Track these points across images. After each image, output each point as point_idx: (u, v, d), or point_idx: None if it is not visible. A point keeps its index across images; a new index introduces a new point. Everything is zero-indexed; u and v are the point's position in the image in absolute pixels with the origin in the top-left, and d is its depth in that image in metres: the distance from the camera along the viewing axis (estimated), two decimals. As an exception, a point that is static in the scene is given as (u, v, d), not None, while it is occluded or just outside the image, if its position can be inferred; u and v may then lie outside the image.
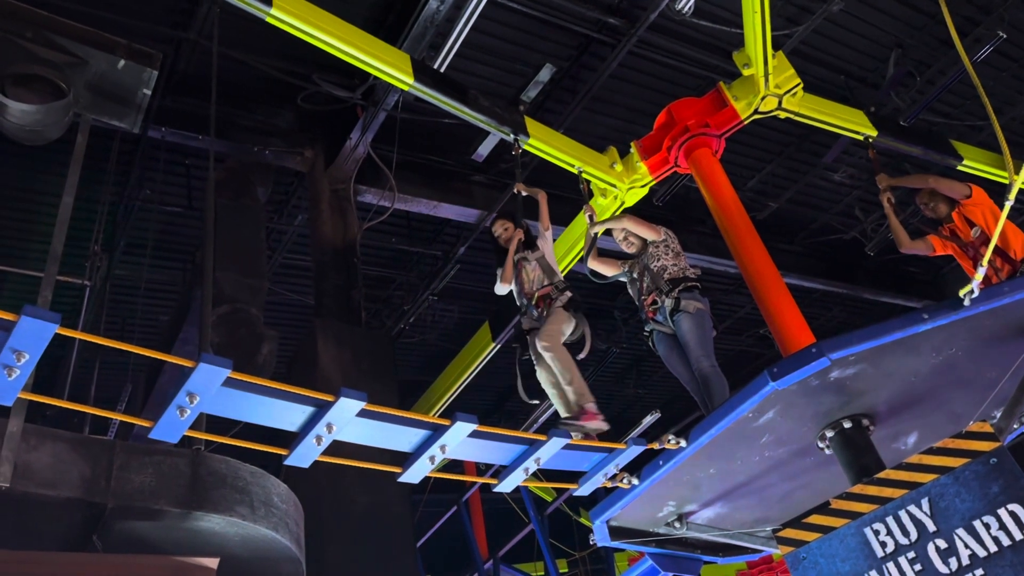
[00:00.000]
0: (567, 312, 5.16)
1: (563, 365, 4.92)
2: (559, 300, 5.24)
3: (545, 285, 5.36)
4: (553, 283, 5.38)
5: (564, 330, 5.11)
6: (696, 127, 5.84)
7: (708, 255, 9.73)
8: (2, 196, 7.95)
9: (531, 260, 5.52)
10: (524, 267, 5.53)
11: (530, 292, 5.39)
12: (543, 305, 5.29)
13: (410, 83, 5.50)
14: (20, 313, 2.55)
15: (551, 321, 5.11)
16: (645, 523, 5.08)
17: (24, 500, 3.98)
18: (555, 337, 5.01)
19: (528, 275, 5.50)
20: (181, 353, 7.25)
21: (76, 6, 6.10)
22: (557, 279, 5.40)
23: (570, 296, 5.27)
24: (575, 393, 4.81)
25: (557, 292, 5.31)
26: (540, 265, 5.47)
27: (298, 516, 4.92)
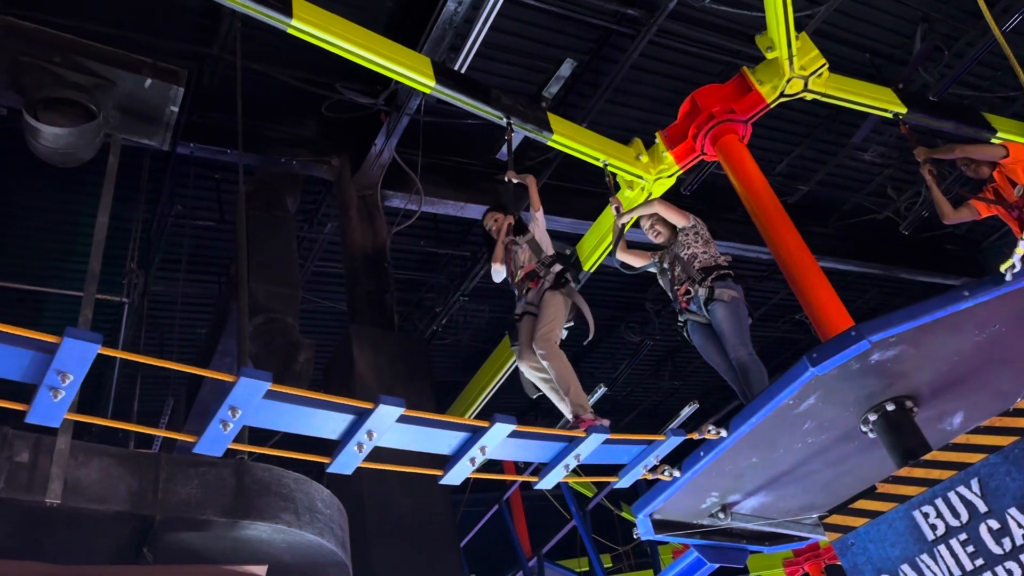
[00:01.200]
0: (559, 293, 5.04)
1: (559, 373, 4.80)
2: (547, 279, 5.14)
3: (530, 262, 5.30)
4: (539, 259, 5.29)
5: (559, 319, 4.97)
6: (721, 114, 5.78)
7: (740, 242, 9.64)
8: (38, 219, 8.12)
9: (521, 244, 5.46)
10: (514, 251, 5.47)
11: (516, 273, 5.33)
12: (534, 285, 5.21)
13: (432, 86, 5.51)
14: (63, 335, 2.59)
15: (544, 314, 4.98)
16: (689, 515, 5.05)
17: (75, 515, 4.06)
18: (550, 340, 4.86)
19: (518, 259, 5.45)
20: (221, 364, 7.37)
21: (101, 28, 6.21)
22: (544, 255, 5.31)
23: (558, 271, 5.15)
24: (572, 403, 4.69)
25: (543, 268, 5.22)
26: (529, 247, 5.41)
27: (342, 520, 4.96)
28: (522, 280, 5.33)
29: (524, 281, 5.31)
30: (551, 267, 5.20)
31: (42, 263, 8.49)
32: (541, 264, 5.25)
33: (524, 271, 5.31)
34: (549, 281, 5.13)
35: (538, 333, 4.90)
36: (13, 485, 3.92)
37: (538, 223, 5.55)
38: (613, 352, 12.70)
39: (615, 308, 11.72)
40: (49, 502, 3.94)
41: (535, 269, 5.26)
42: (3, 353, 2.60)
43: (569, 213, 9.05)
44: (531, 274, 5.27)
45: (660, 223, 5.75)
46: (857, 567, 3.90)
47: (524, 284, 5.31)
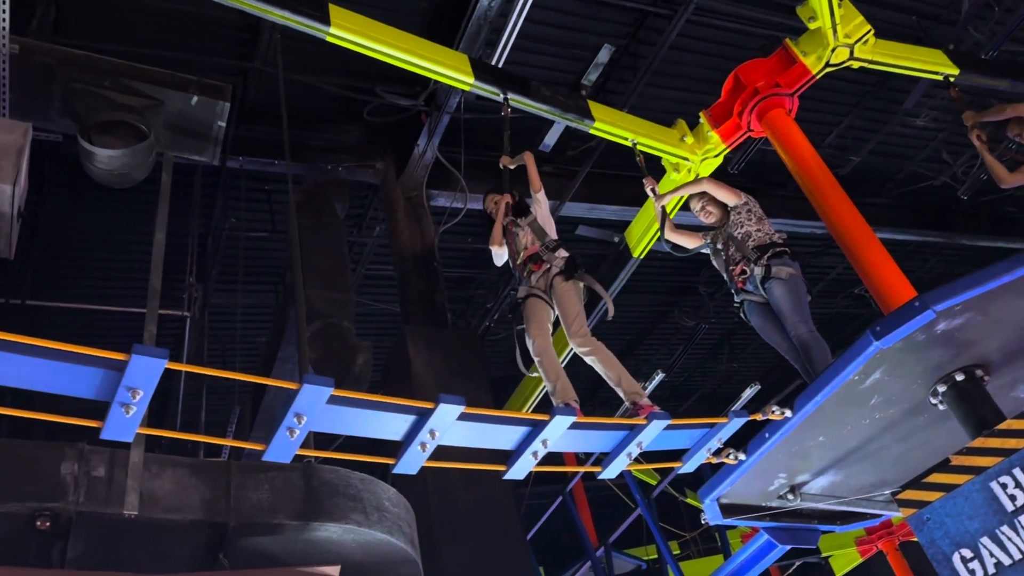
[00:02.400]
0: (571, 282, 4.94)
1: (607, 367, 4.74)
2: (553, 265, 5.01)
3: (533, 245, 5.16)
4: (543, 242, 5.16)
5: (581, 310, 4.88)
6: (766, 88, 5.68)
7: (792, 218, 9.47)
8: (97, 240, 8.36)
9: (523, 226, 5.34)
10: (515, 233, 5.34)
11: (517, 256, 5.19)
12: (537, 269, 5.10)
13: (471, 83, 5.52)
14: (130, 353, 2.66)
15: (566, 310, 4.87)
16: (756, 498, 4.99)
17: (152, 526, 4.18)
18: (587, 335, 4.77)
19: (519, 241, 5.32)
20: (282, 371, 7.51)
21: (146, 51, 6.36)
22: (548, 238, 5.18)
23: (566, 257, 5.02)
24: (626, 392, 4.62)
25: (547, 252, 5.09)
26: (532, 229, 5.28)
27: (409, 518, 5.01)
28: (524, 263, 5.18)
29: (526, 263, 5.17)
30: (556, 251, 5.06)
31: (103, 282, 8.75)
32: (545, 247, 5.11)
33: (526, 254, 5.16)
34: (557, 267, 5.00)
35: (571, 331, 4.81)
36: (92, 499, 4.05)
37: (540, 204, 5.41)
38: (668, 338, 12.59)
39: (668, 293, 11.61)
40: (127, 514, 4.06)
41: (538, 252, 5.11)
42: (75, 373, 2.69)
43: (615, 200, 9.01)
44: (534, 257, 5.13)
45: (711, 203, 5.67)
46: (935, 542, 3.80)
47: (526, 267, 5.16)
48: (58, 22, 6.26)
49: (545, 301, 5.07)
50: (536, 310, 5.04)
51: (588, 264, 10.28)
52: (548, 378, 4.77)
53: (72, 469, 4.08)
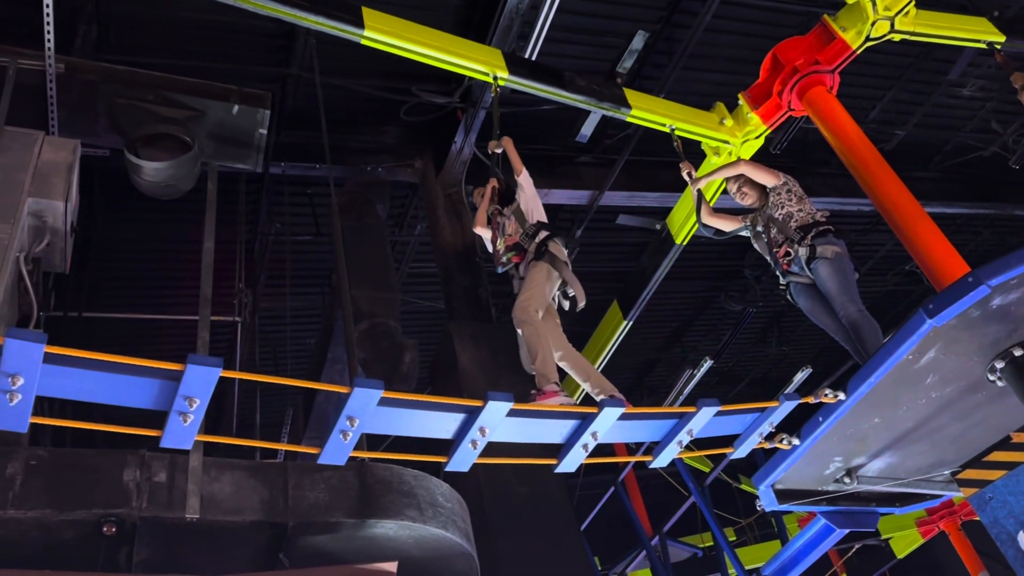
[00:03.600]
0: (541, 263, 4.77)
1: (528, 341, 4.57)
2: (531, 249, 4.87)
3: (516, 234, 5.00)
4: (524, 229, 5.00)
5: (539, 288, 4.70)
6: (806, 66, 5.58)
7: (837, 196, 9.30)
8: (146, 251, 8.56)
9: (508, 215, 5.19)
10: (501, 223, 5.19)
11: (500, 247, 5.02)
12: (517, 260, 4.97)
13: (505, 77, 5.52)
14: (186, 362, 2.72)
15: (526, 284, 4.73)
16: (813, 482, 4.93)
17: (213, 528, 4.28)
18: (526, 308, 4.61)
19: (505, 230, 5.16)
20: (332, 372, 7.62)
21: (186, 62, 6.48)
22: (528, 224, 5.02)
23: (542, 239, 4.86)
24: (537, 372, 4.46)
25: (527, 240, 4.94)
26: (515, 216, 5.13)
27: (464, 513, 5.05)
28: (505, 251, 5.03)
29: (507, 253, 5.03)
30: (535, 236, 4.91)
31: (155, 292, 8.95)
32: (525, 235, 4.95)
33: (507, 242, 5.02)
34: (532, 252, 4.87)
35: (517, 303, 4.68)
36: (155, 504, 4.17)
37: (523, 189, 5.23)
38: (715, 323, 12.47)
39: (712, 278, 11.50)
40: (189, 517, 4.17)
41: (519, 241, 4.96)
42: (133, 385, 2.75)
43: (655, 187, 8.94)
44: (515, 247, 4.99)
45: (747, 184, 5.59)
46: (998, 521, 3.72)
47: (507, 255, 5.02)
48: (100, 40, 6.41)
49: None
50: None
51: (630, 253, 10.36)
52: (580, 377, 4.72)
53: (134, 476, 4.19)
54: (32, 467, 4.07)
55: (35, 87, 5.48)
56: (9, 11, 6.08)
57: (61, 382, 2.67)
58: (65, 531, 4.04)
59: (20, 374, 2.59)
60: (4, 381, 2.59)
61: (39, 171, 4.86)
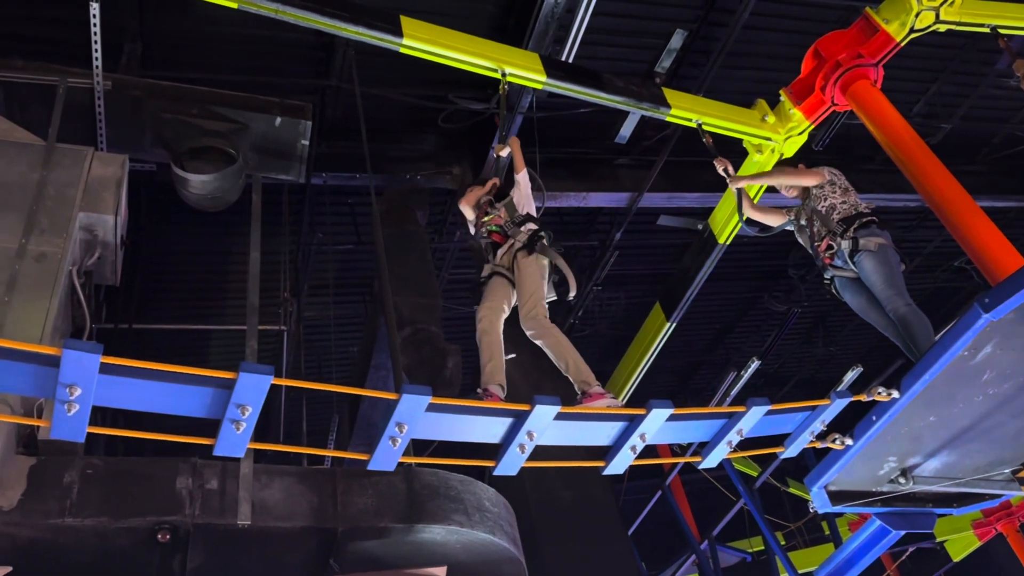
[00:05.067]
0: (532, 257, 4.70)
1: (555, 350, 4.48)
2: (517, 240, 4.79)
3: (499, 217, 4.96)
4: (511, 217, 4.95)
5: (540, 289, 4.63)
6: (849, 60, 5.49)
7: (883, 192, 9.13)
8: (193, 262, 8.71)
9: (498, 208, 5.17)
10: (489, 213, 5.15)
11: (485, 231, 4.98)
12: (499, 239, 4.91)
13: (544, 80, 5.52)
14: (238, 371, 2.75)
15: (523, 287, 4.62)
16: (866, 483, 4.82)
17: (264, 534, 4.34)
18: (537, 317, 4.50)
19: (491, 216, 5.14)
20: (376, 379, 7.67)
21: (228, 76, 6.57)
22: (516, 214, 4.97)
23: (531, 232, 4.78)
24: (575, 380, 4.39)
25: (511, 226, 4.87)
26: (506, 209, 5.11)
27: (510, 518, 5.05)
28: (487, 234, 4.98)
29: (488, 226, 4.99)
30: (522, 226, 4.85)
31: (202, 302, 9.10)
32: (510, 222, 4.92)
33: (490, 221, 5.00)
34: (520, 242, 4.79)
35: (523, 312, 4.57)
36: (207, 511, 4.24)
37: (519, 186, 5.24)
38: (759, 324, 12.31)
39: (756, 278, 11.35)
40: (241, 524, 4.23)
41: (502, 225, 4.92)
42: (187, 394, 2.80)
43: (696, 187, 8.86)
44: (499, 228, 4.94)
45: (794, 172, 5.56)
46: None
47: (488, 227, 4.98)
48: (145, 56, 6.54)
49: (508, 280, 4.85)
50: (495, 289, 4.83)
51: (671, 254, 10.28)
52: (482, 358, 4.54)
53: (187, 483, 4.27)
54: (88, 476, 4.18)
55: (84, 104, 5.63)
56: (57, 32, 6.25)
57: (117, 392, 2.73)
58: (120, 538, 4.13)
59: (77, 384, 2.64)
60: (62, 391, 2.65)
61: (89, 186, 4.98)
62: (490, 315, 4.69)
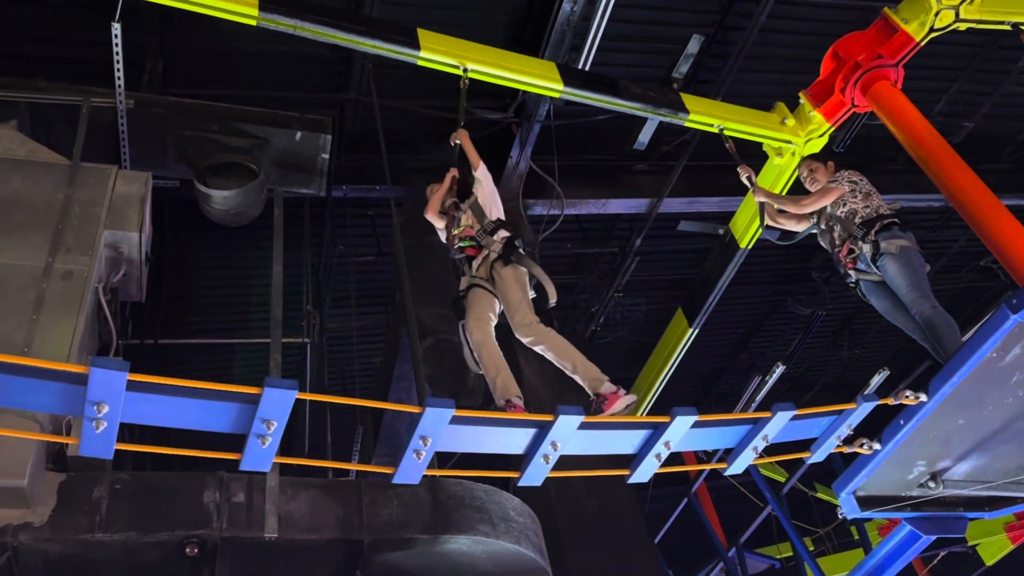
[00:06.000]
0: (510, 267, 4.53)
1: (558, 354, 4.36)
2: (492, 250, 4.61)
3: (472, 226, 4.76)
4: (482, 225, 4.75)
5: (525, 297, 4.47)
6: (868, 60, 5.44)
7: (906, 192, 9.03)
8: (216, 276, 8.78)
9: (464, 209, 4.95)
10: (457, 217, 4.93)
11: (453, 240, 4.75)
12: (473, 253, 4.72)
13: (561, 89, 5.52)
14: (263, 385, 2.77)
15: (508, 299, 4.46)
16: (895, 488, 4.76)
17: (292, 547, 4.36)
18: (531, 324, 4.35)
19: (460, 223, 4.90)
20: (399, 389, 7.69)
21: (248, 92, 6.65)
22: (486, 220, 4.77)
23: (504, 240, 4.60)
24: (585, 379, 4.27)
25: (484, 235, 4.68)
26: (472, 211, 4.89)
27: (536, 527, 5.04)
28: (460, 239, 4.79)
29: (462, 242, 4.78)
30: (494, 234, 4.68)
31: (225, 317, 9.18)
32: (482, 231, 4.72)
33: (461, 235, 4.79)
34: (495, 252, 4.63)
35: (514, 321, 4.43)
36: (234, 524, 4.27)
37: (481, 184, 5.01)
38: (783, 328, 12.21)
39: (779, 281, 11.27)
40: (268, 537, 4.25)
41: (474, 235, 4.74)
42: (213, 409, 2.81)
43: (716, 192, 8.83)
44: (471, 240, 4.76)
45: (820, 172, 5.52)
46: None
47: (462, 243, 4.77)
48: (166, 74, 6.63)
49: (489, 291, 4.68)
50: (477, 300, 4.64)
51: (692, 260, 10.24)
52: (488, 373, 4.38)
53: (214, 497, 4.30)
54: (117, 491, 4.22)
55: (107, 123, 5.71)
56: (78, 52, 6.34)
57: (144, 409, 2.75)
58: (149, 552, 4.16)
59: (105, 402, 2.67)
60: (90, 409, 2.67)
61: (114, 204, 5.06)
62: (480, 326, 4.53)
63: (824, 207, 5.41)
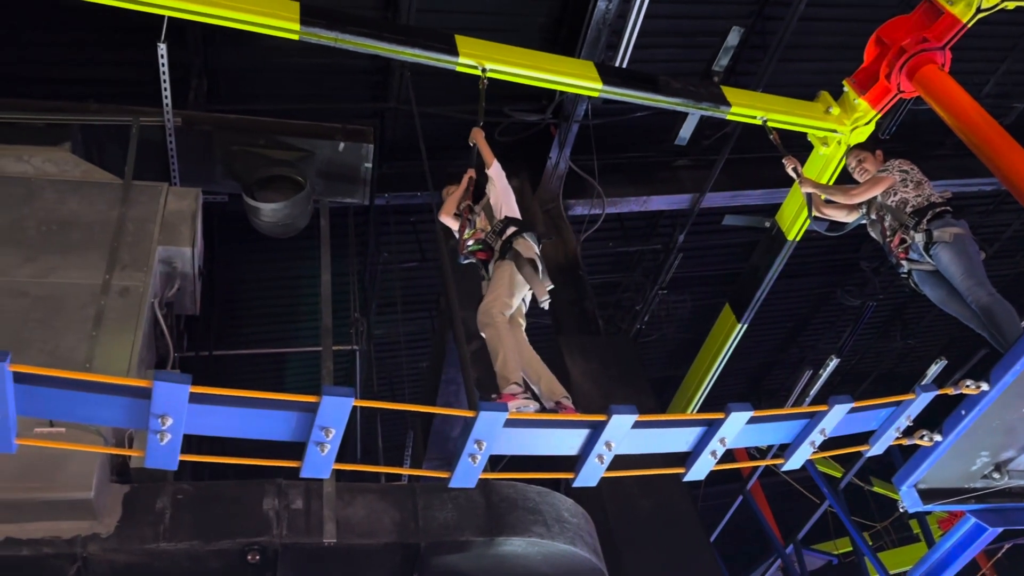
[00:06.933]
0: (504, 263, 4.46)
1: (489, 344, 4.29)
2: (497, 247, 4.56)
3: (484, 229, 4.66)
4: (491, 226, 4.66)
5: (502, 290, 4.40)
6: (914, 45, 5.32)
7: (956, 178, 8.83)
8: (264, 287, 8.94)
9: (478, 212, 4.89)
10: (473, 221, 4.86)
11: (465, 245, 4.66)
12: (483, 257, 4.68)
13: (600, 88, 5.50)
14: (321, 394, 2.81)
15: (491, 286, 4.44)
16: (958, 480, 4.65)
17: (350, 551, 4.41)
18: (489, 311, 4.32)
19: (475, 226, 4.82)
20: (447, 394, 7.74)
21: (290, 106, 6.76)
22: (495, 220, 4.68)
23: (508, 236, 4.51)
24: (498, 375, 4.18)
25: (493, 236, 4.61)
26: (485, 212, 4.82)
27: (590, 528, 5.03)
28: (473, 242, 4.73)
29: (473, 246, 4.73)
30: (502, 234, 4.61)
31: (274, 326, 9.33)
32: (492, 232, 4.66)
33: (475, 236, 4.73)
34: (498, 251, 4.59)
35: (480, 304, 4.41)
36: (294, 530, 4.34)
37: (494, 183, 4.93)
38: (833, 320, 12.02)
39: (827, 273, 11.09)
40: (327, 542, 4.31)
41: (484, 238, 4.69)
42: (273, 418, 2.86)
43: (759, 184, 8.74)
44: (483, 243, 4.71)
45: (869, 162, 5.42)
46: None
47: (473, 246, 4.72)
48: (211, 92, 6.77)
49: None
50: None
51: (737, 254, 10.12)
52: (530, 376, 4.34)
53: (273, 504, 4.38)
54: (179, 501, 4.31)
55: (156, 142, 5.85)
56: (125, 73, 6.51)
57: (206, 420, 2.81)
58: (212, 561, 4.24)
59: (169, 414, 2.73)
60: (154, 422, 2.73)
61: (166, 220, 5.18)
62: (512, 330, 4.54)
63: (874, 197, 5.31)
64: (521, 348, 4.47)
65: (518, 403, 4.01)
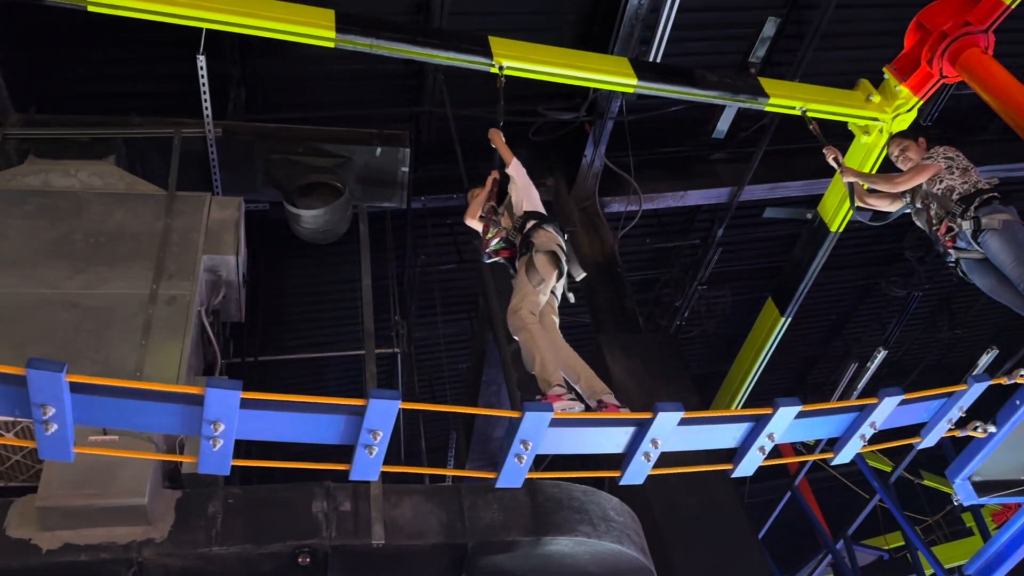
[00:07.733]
0: (522, 261, 4.35)
1: (524, 349, 4.16)
2: (519, 244, 4.47)
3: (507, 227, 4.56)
4: (512, 224, 4.57)
5: (524, 288, 4.27)
6: (956, 28, 5.21)
7: (1001, 163, 8.64)
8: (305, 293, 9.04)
9: (502, 212, 4.81)
10: (498, 222, 4.77)
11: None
12: (506, 255, 4.61)
13: (635, 84, 5.47)
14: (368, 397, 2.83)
15: (516, 286, 4.33)
16: (1014, 471, 4.56)
17: (398, 553, 4.44)
18: (517, 312, 4.20)
19: (500, 225, 4.74)
20: (488, 394, 7.76)
21: (326, 112, 6.81)
22: (516, 217, 4.59)
23: (526, 230, 4.40)
24: (538, 378, 4.05)
25: (515, 233, 4.51)
26: (508, 212, 4.76)
27: (636, 526, 5.01)
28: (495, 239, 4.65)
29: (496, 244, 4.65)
30: (523, 229, 4.53)
31: (317, 331, 9.44)
32: (514, 228, 4.58)
33: (495, 234, 4.65)
34: (520, 248, 4.50)
35: (508, 307, 4.30)
36: (343, 532, 4.38)
37: (514, 180, 4.88)
38: (878, 312, 11.81)
39: (871, 264, 10.91)
40: (375, 543, 4.35)
41: (507, 236, 4.61)
42: (321, 422, 2.89)
43: (799, 175, 8.63)
44: (506, 241, 4.64)
45: (912, 150, 5.32)
46: None
47: (495, 245, 4.64)
48: (249, 101, 6.87)
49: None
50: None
51: (779, 247, 10.00)
52: (569, 376, 4.23)
53: (322, 507, 4.43)
54: (230, 505, 4.38)
55: (198, 152, 5.95)
56: (165, 86, 6.64)
57: (257, 425, 2.84)
58: (264, 564, 4.31)
59: (221, 420, 2.77)
60: (207, 428, 2.78)
61: (210, 229, 5.27)
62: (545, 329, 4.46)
63: (918, 185, 5.21)
64: (557, 347, 4.37)
65: (563, 404, 3.95)
